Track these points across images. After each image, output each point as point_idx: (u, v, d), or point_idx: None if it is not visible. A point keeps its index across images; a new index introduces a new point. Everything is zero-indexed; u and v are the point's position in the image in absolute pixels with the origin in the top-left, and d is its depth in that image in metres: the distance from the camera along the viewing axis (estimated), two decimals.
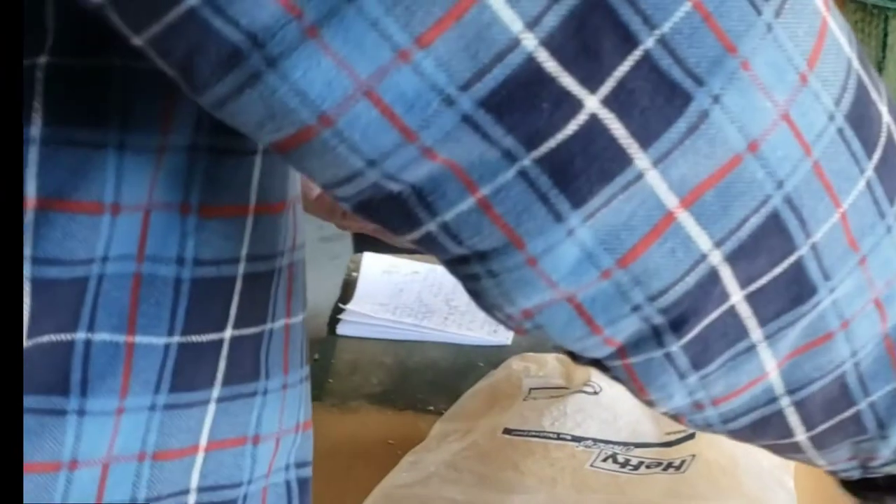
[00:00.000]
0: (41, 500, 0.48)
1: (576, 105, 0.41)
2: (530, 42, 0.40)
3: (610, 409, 1.03)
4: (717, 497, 0.95)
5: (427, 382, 1.19)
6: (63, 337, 0.48)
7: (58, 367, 0.48)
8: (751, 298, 0.46)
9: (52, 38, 0.45)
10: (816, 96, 0.44)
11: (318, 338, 1.26)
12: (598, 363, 0.50)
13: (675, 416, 0.53)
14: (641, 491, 0.96)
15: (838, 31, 0.46)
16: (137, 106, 0.47)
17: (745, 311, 0.47)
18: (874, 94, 0.47)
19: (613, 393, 1.05)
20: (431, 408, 1.12)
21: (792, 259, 0.46)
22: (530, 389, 1.07)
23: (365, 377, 1.18)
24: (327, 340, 1.26)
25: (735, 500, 0.95)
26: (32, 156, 0.45)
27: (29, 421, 0.47)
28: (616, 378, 0.51)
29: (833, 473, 0.59)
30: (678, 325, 0.46)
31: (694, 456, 0.98)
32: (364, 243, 1.45)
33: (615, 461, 0.99)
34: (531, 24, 0.40)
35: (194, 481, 0.53)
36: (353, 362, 1.22)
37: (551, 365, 1.10)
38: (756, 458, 0.99)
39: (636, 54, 0.41)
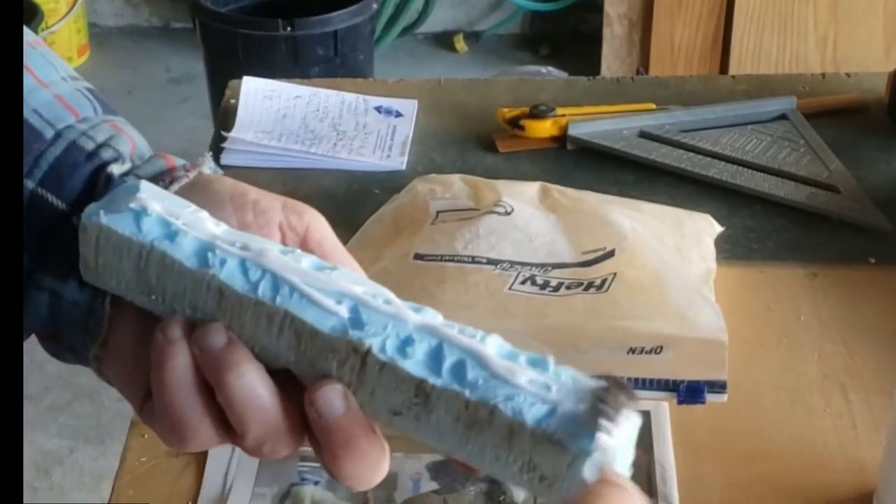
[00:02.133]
0: None
1: None
2: None
3: (524, 230, 0.98)
4: (641, 315, 0.91)
5: (321, 212, 1.12)
6: None
7: None
8: None
9: None
10: None
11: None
12: None
13: None
14: (563, 313, 0.91)
15: None
16: None
17: None
18: None
19: (526, 213, 0.99)
20: None
21: None
22: (438, 212, 1.00)
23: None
24: None
25: (660, 317, 0.91)
26: None
27: None
28: None
29: None
30: None
31: (615, 274, 0.94)
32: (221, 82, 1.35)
33: (534, 283, 0.93)
34: None
35: None
36: None
37: (458, 186, 1.03)
38: (678, 274, 0.96)
39: None
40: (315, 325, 0.48)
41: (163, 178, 0.53)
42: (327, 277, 0.49)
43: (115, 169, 0.53)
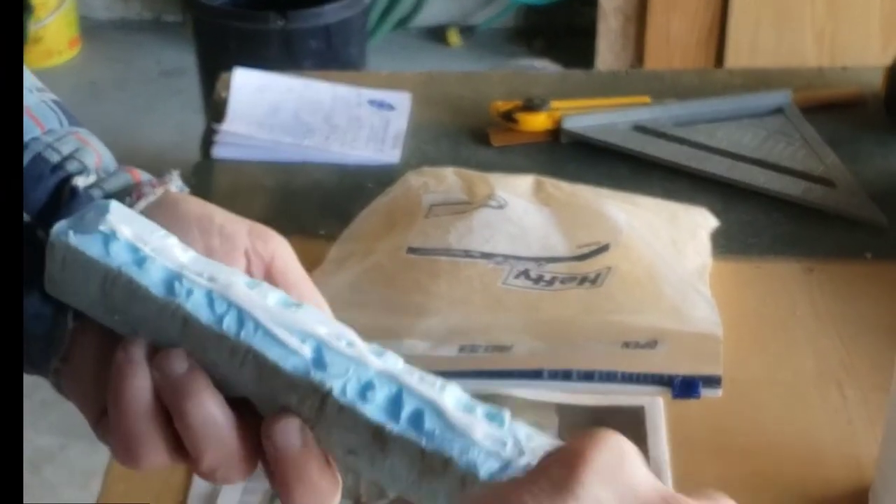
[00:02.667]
0: None
1: None
2: None
3: (518, 224, 0.97)
4: (636, 309, 0.91)
5: (314, 205, 1.11)
6: None
7: None
8: None
9: None
10: None
11: (192, 161, 1.16)
12: None
13: None
14: (557, 307, 0.91)
15: None
16: None
17: None
18: None
19: (520, 207, 0.99)
20: (322, 232, 1.04)
21: None
22: (431, 206, 1.00)
23: (247, 202, 1.09)
24: (202, 165, 1.16)
25: (655, 311, 0.90)
26: None
27: None
28: None
29: None
30: None
31: (609, 269, 0.93)
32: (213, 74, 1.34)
33: (528, 277, 0.93)
34: None
35: None
36: (232, 187, 1.13)
37: (451, 179, 1.03)
38: (672, 268, 0.95)
39: None
40: (278, 363, 0.48)
41: (129, 194, 0.53)
42: (292, 316, 0.49)
43: (80, 181, 0.53)
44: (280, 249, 0.53)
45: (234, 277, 0.50)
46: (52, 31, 3.09)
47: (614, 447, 0.39)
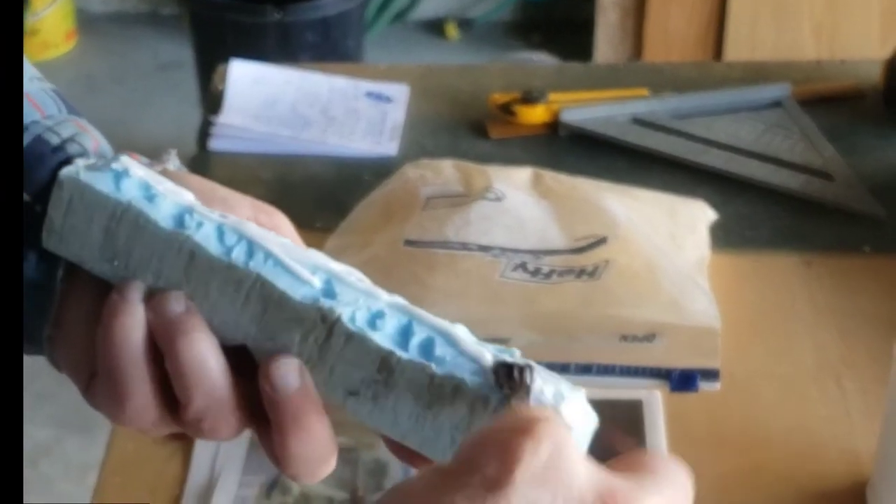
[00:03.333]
0: None
1: None
2: None
3: (516, 217, 0.96)
4: (634, 302, 0.90)
5: (311, 198, 1.11)
6: None
7: None
8: None
9: None
10: None
11: (189, 154, 1.16)
12: None
13: None
14: (555, 300, 0.90)
15: None
16: None
17: None
18: None
19: (518, 200, 0.98)
20: (319, 224, 1.03)
21: None
22: (428, 198, 0.99)
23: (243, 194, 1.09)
24: (199, 157, 1.16)
25: (653, 304, 0.90)
26: None
27: None
28: None
29: None
30: None
31: (607, 262, 0.93)
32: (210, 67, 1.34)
33: (525, 270, 0.92)
34: None
35: None
36: (229, 179, 1.11)
37: (448, 172, 1.02)
38: (671, 261, 0.95)
39: None
40: (286, 292, 0.47)
41: None
42: (303, 251, 0.49)
43: (81, 163, 0.53)
44: (283, 226, 0.53)
45: (246, 221, 0.50)
46: (49, 24, 3.08)
47: (551, 442, 0.37)
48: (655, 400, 0.87)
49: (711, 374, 0.88)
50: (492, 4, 3.25)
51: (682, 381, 0.88)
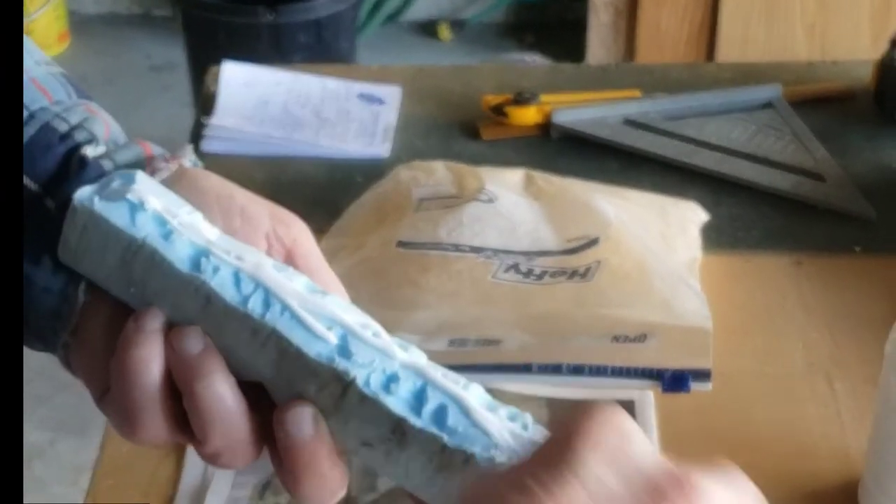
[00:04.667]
0: None
1: None
2: None
3: (508, 218, 0.97)
4: (626, 302, 0.91)
5: (303, 199, 1.11)
6: None
7: None
8: None
9: None
10: None
11: None
12: None
13: None
14: (548, 301, 0.91)
15: None
16: None
17: None
18: None
19: (510, 201, 0.98)
20: (311, 226, 1.02)
21: None
22: (421, 200, 0.99)
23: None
24: None
25: (645, 305, 0.90)
26: None
27: None
28: None
29: None
30: None
31: (599, 262, 0.93)
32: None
33: (518, 271, 0.93)
34: None
35: None
36: None
37: (440, 173, 1.02)
38: (662, 261, 0.95)
39: None
40: (301, 348, 0.47)
41: (141, 168, 0.52)
42: (320, 301, 0.48)
43: (89, 151, 0.52)
44: (302, 235, 0.52)
45: (262, 259, 0.49)
46: (41, 26, 3.08)
47: (615, 423, 0.38)
48: (647, 400, 0.87)
49: (703, 375, 0.88)
50: (484, 5, 3.25)
51: (674, 381, 0.88)
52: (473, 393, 0.46)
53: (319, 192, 1.12)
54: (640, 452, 0.37)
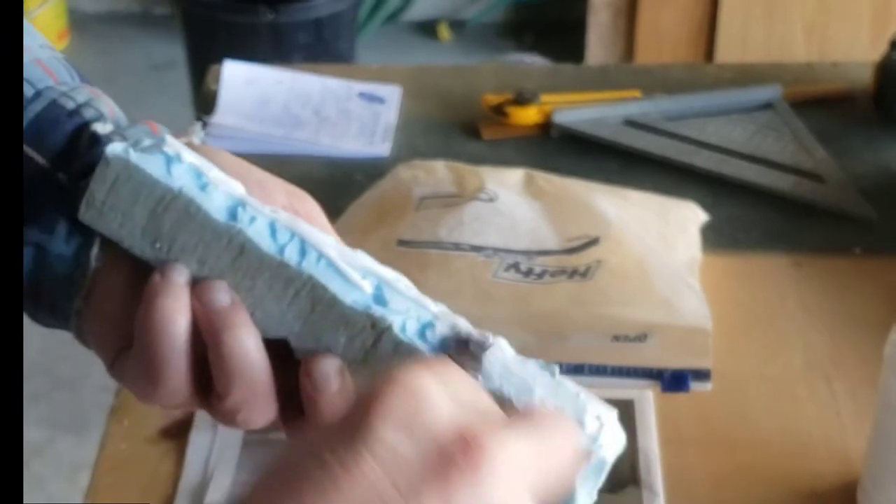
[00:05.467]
0: None
1: None
2: None
3: (508, 217, 0.97)
4: (626, 301, 0.91)
5: None
6: None
7: None
8: None
9: None
10: None
11: None
12: None
13: None
14: (548, 300, 0.91)
15: None
16: None
17: None
18: None
19: (510, 200, 0.99)
20: None
21: None
22: (421, 199, 0.99)
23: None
24: None
25: (645, 304, 0.90)
26: None
27: None
28: None
29: None
30: None
31: (599, 262, 0.93)
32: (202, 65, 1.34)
33: (518, 270, 0.93)
34: None
35: None
36: None
37: (441, 172, 1.02)
38: (662, 261, 0.95)
39: None
40: (336, 296, 0.47)
41: None
42: (352, 254, 0.49)
43: (99, 128, 0.53)
44: (315, 211, 0.53)
45: (294, 216, 0.50)
46: (41, 24, 3.08)
47: (412, 388, 0.38)
48: (647, 400, 0.87)
49: (703, 375, 0.88)
50: (484, 5, 3.25)
51: (674, 381, 0.88)
52: (505, 343, 0.47)
53: (320, 191, 1.10)
54: (434, 416, 0.38)
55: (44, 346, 1.96)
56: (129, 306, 0.50)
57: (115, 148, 0.50)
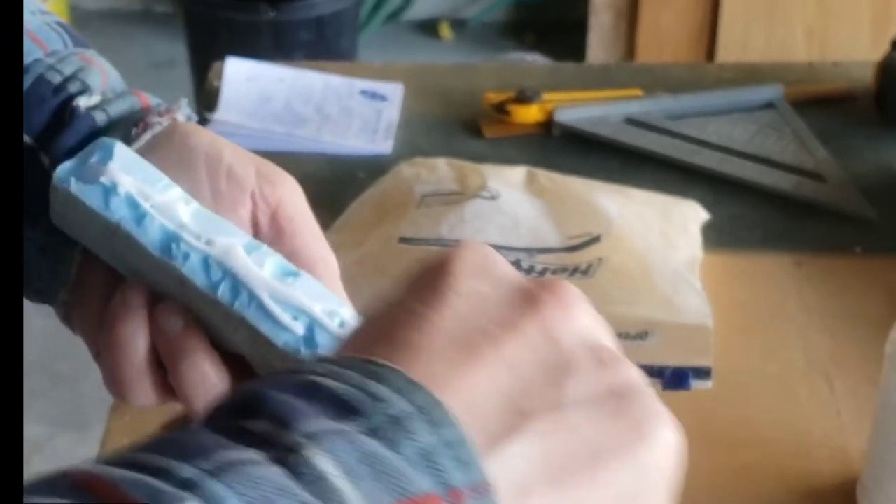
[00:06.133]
0: None
1: None
2: None
3: (509, 215, 0.97)
4: (627, 300, 0.91)
5: (305, 196, 1.11)
6: None
7: None
8: None
9: None
10: None
11: None
12: None
13: None
14: None
15: None
16: None
17: None
18: None
19: (512, 198, 0.99)
20: None
21: None
22: (423, 196, 1.00)
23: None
24: None
25: (646, 303, 0.91)
26: None
27: None
28: None
29: None
30: None
31: (601, 260, 0.93)
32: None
33: (519, 268, 0.93)
34: None
35: None
36: None
37: (443, 170, 1.03)
38: (663, 259, 0.95)
39: None
40: (269, 337, 0.49)
41: (135, 123, 0.53)
42: (287, 289, 0.49)
43: (83, 102, 0.53)
44: (288, 194, 0.53)
45: (234, 239, 0.50)
46: None
47: (480, 249, 0.39)
48: None
49: (703, 373, 0.89)
50: (485, 5, 3.25)
51: (675, 379, 0.88)
52: None
53: (321, 189, 1.12)
54: (507, 270, 0.39)
55: (44, 343, 1.96)
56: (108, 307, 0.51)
57: (60, 172, 0.51)
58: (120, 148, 0.51)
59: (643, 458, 0.37)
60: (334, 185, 1.12)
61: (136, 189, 0.50)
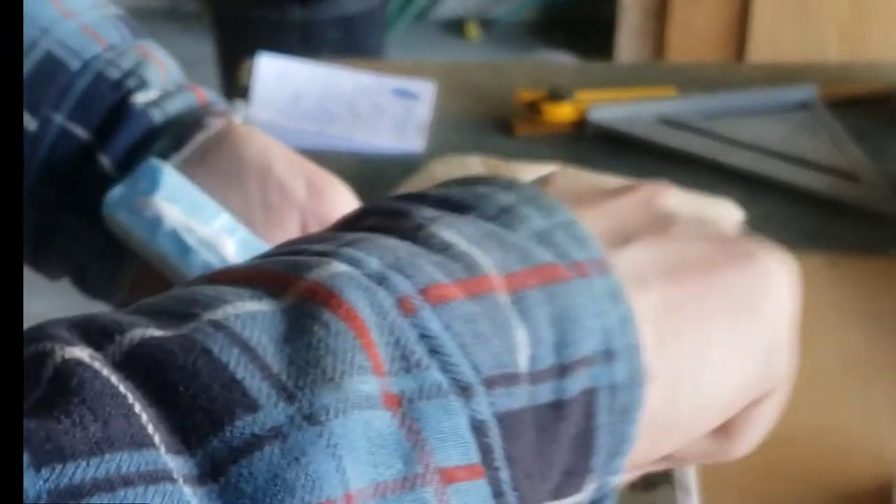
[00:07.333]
0: None
1: None
2: None
3: None
4: None
5: None
6: None
7: None
8: None
9: None
10: None
11: None
12: None
13: None
14: None
15: None
16: None
17: None
18: None
19: None
20: None
21: None
22: None
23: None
24: None
25: None
26: None
27: None
28: None
29: None
30: None
31: None
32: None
33: None
34: None
35: None
36: None
37: (475, 168, 1.02)
38: None
39: None
40: None
41: (191, 123, 0.52)
42: None
43: (140, 98, 0.53)
44: (338, 205, 0.53)
45: None
46: None
47: (570, 170, 0.41)
48: None
49: None
50: (513, 4, 3.25)
51: None
52: None
53: (352, 187, 1.11)
54: (600, 178, 0.41)
55: None
56: None
57: (111, 202, 0.52)
58: (167, 174, 0.52)
59: (756, 275, 0.38)
60: (365, 183, 1.12)
61: (182, 222, 0.51)
